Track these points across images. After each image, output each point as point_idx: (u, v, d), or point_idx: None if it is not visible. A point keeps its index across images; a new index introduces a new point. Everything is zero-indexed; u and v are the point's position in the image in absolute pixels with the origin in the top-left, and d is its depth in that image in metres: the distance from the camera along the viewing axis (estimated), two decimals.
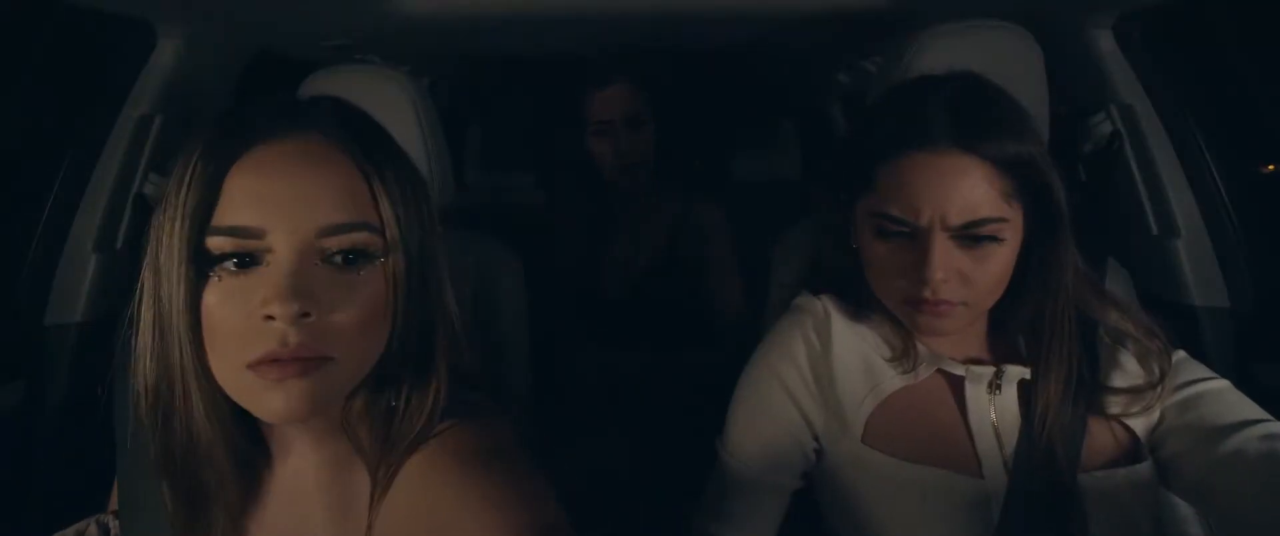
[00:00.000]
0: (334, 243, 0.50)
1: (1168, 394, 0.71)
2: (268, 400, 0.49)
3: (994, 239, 0.66)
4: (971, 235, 0.66)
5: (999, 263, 0.67)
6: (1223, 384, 0.71)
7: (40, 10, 0.97)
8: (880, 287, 0.73)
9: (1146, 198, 1.08)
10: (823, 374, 0.76)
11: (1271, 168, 1.16)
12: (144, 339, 0.52)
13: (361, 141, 0.53)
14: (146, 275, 0.52)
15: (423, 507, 0.55)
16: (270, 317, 0.48)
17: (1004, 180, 0.65)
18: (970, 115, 0.66)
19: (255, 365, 0.48)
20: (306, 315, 0.48)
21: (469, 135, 2.29)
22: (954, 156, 0.65)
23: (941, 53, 0.83)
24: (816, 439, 0.78)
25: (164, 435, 0.53)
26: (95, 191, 1.06)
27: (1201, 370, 0.73)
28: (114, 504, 0.65)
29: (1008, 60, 0.82)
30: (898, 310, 0.73)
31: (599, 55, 1.44)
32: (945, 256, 0.66)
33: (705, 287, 1.41)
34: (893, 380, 0.75)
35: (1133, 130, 1.07)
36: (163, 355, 0.51)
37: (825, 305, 0.79)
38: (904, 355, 0.75)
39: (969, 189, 0.65)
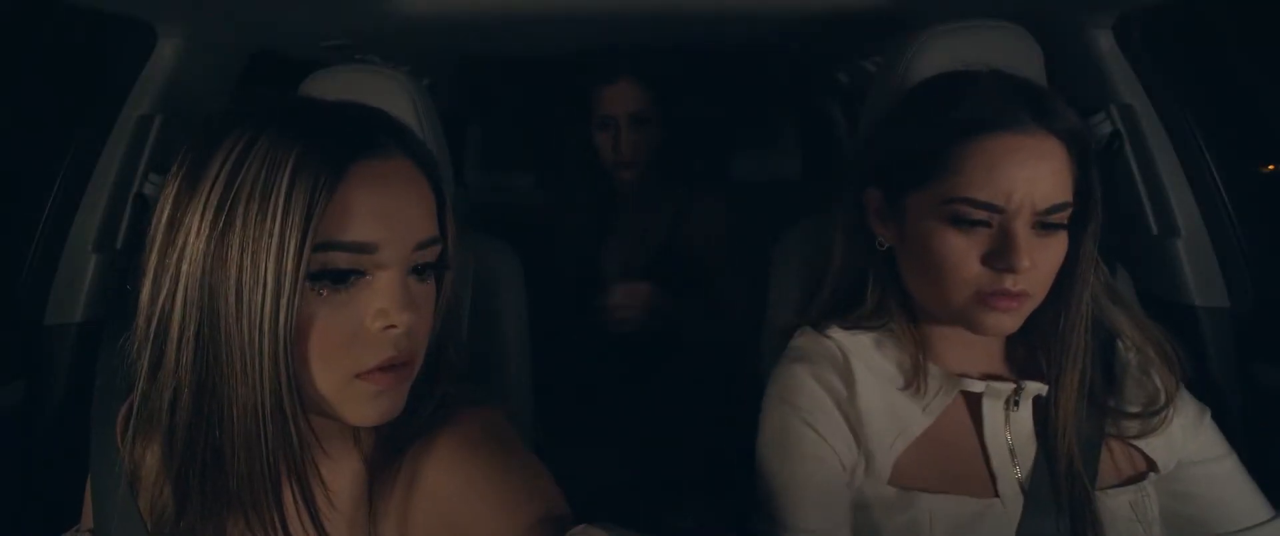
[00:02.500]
0: (422, 256, 0.53)
1: (1175, 440, 0.70)
2: (373, 405, 0.52)
3: (1063, 226, 0.65)
4: (1048, 221, 0.64)
5: (1061, 249, 0.66)
6: (1229, 467, 0.70)
7: (40, 10, 0.97)
8: (944, 284, 0.67)
9: (1146, 198, 1.08)
10: (851, 416, 0.72)
11: (1271, 167, 1.16)
12: (179, 352, 0.49)
13: (428, 160, 0.56)
14: (185, 287, 0.49)
15: (426, 496, 0.56)
16: (391, 327, 0.50)
17: (1073, 163, 0.65)
18: (1043, 95, 0.65)
19: (368, 374, 0.51)
20: (413, 324, 0.51)
21: (469, 135, 2.29)
22: (1040, 136, 0.63)
23: (941, 53, 0.82)
24: (848, 475, 0.73)
25: (202, 447, 0.51)
26: (95, 191, 1.06)
27: (1211, 445, 0.71)
28: (87, 520, 0.65)
29: (1008, 60, 0.82)
30: (963, 307, 0.67)
31: (603, 53, 1.44)
32: (1029, 243, 0.63)
33: (706, 279, 1.41)
34: (919, 420, 0.71)
35: (1133, 130, 1.07)
36: (214, 370, 0.49)
37: (839, 345, 0.75)
38: (914, 376, 0.72)
39: (1052, 171, 0.63)
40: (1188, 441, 0.71)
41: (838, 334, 0.75)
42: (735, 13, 1.24)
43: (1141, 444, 0.71)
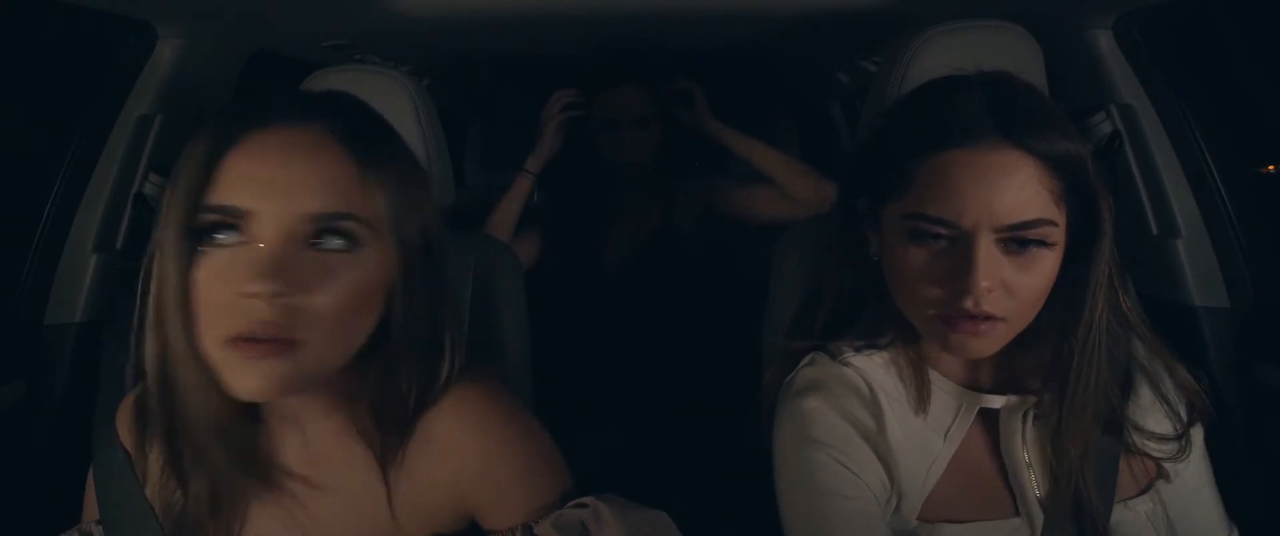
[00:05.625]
0: (317, 227, 0.52)
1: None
2: (241, 377, 0.51)
3: (1043, 243, 0.60)
4: (1019, 238, 0.60)
5: (1045, 272, 0.61)
6: (1200, 476, 0.70)
7: (40, 10, 0.97)
8: (909, 300, 0.66)
9: (1146, 198, 1.08)
10: (882, 452, 0.69)
11: (1271, 168, 1.16)
12: (147, 316, 0.54)
13: (359, 134, 0.55)
14: (153, 255, 0.53)
15: (444, 468, 0.60)
16: (251, 294, 0.50)
17: (1053, 180, 0.60)
18: (1016, 109, 0.61)
19: (233, 341, 0.50)
20: (279, 294, 0.50)
21: (469, 135, 2.29)
22: (1002, 151, 0.59)
23: (941, 53, 0.82)
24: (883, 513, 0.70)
25: (171, 411, 0.54)
26: (95, 191, 1.06)
27: (1193, 457, 0.70)
28: (93, 512, 0.65)
29: (1008, 60, 0.81)
30: (928, 326, 0.65)
31: (602, 55, 1.45)
32: (990, 263, 0.59)
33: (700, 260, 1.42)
34: (945, 449, 0.69)
35: (1133, 130, 1.07)
36: (160, 330, 0.53)
37: (861, 375, 0.71)
38: (923, 394, 0.70)
39: (1018, 187, 0.59)
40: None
41: (856, 360, 0.72)
42: (735, 13, 1.24)
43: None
